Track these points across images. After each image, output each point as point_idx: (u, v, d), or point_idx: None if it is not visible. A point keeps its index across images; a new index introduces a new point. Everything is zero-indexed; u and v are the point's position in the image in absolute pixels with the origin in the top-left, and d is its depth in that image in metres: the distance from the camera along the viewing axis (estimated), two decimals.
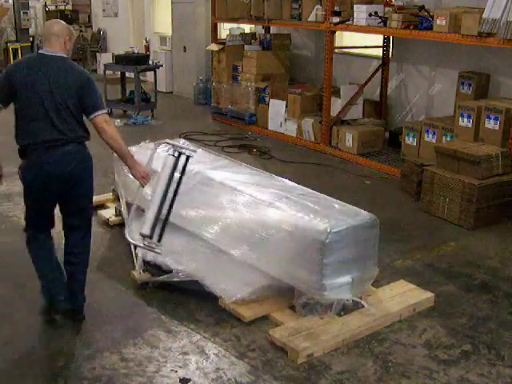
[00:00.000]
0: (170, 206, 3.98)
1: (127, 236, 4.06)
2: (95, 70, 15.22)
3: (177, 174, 4.01)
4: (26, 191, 3.71)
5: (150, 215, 3.91)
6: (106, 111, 3.65)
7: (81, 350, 3.53)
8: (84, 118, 3.66)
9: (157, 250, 3.96)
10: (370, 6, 7.21)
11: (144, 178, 3.82)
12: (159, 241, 3.96)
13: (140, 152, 5.26)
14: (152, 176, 3.90)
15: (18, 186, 6.42)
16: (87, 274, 3.89)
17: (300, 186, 4.44)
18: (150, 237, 3.90)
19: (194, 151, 4.03)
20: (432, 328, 3.82)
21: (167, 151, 4.04)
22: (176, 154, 3.99)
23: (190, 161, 4.20)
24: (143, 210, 4.17)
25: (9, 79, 3.58)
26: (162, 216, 3.96)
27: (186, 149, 4.01)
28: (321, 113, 8.14)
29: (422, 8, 6.83)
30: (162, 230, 3.95)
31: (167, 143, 4.09)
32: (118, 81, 10.58)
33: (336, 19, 7.58)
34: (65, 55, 3.68)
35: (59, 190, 3.63)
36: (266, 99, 9.07)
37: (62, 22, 3.86)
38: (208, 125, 9.66)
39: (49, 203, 3.71)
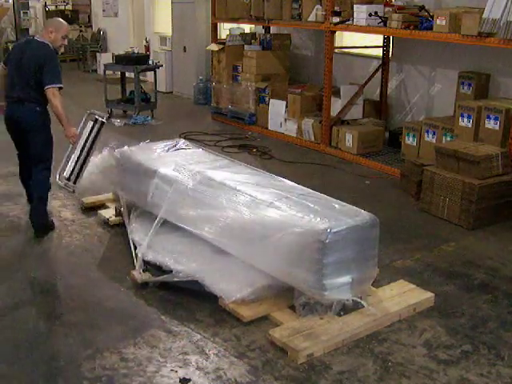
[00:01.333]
0: (85, 158, 5.44)
1: (57, 179, 5.66)
2: (95, 70, 15.24)
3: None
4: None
5: (71, 164, 5.48)
6: (56, 86, 4.92)
7: (81, 350, 3.53)
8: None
9: (71, 190, 5.58)
10: (370, 6, 7.21)
11: (72, 137, 5.21)
12: (74, 183, 5.54)
13: (140, 152, 5.28)
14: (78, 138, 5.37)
15: (18, 186, 6.43)
16: None
17: (300, 186, 4.44)
18: (69, 179, 5.52)
19: (108, 118, 5.58)
20: (432, 328, 3.82)
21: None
22: (93, 120, 5.50)
23: (190, 161, 4.66)
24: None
25: (9, 53, 5.36)
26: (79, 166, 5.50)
27: (102, 116, 5.49)
28: (321, 113, 8.14)
29: (422, 8, 6.83)
30: (78, 175, 5.49)
31: (92, 113, 5.58)
32: (118, 81, 10.58)
33: (336, 19, 7.58)
34: (46, 42, 5.05)
35: (18, 131, 5.09)
36: (266, 99, 9.08)
37: (58, 19, 5.38)
38: (208, 125, 9.66)
39: (17, 138, 5.19)
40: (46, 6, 17.26)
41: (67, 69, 15.79)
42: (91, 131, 5.41)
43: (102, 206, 5.74)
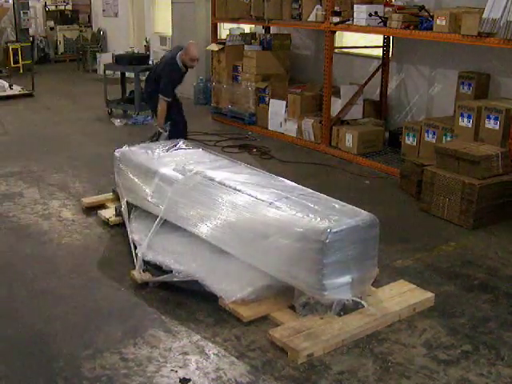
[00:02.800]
0: None
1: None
2: (95, 70, 15.23)
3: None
4: None
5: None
6: (163, 98, 6.39)
7: (81, 350, 3.54)
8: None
9: None
10: (370, 6, 7.21)
11: (159, 126, 6.49)
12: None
13: (139, 152, 5.28)
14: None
15: (18, 187, 6.44)
16: None
17: (300, 186, 4.44)
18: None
19: (165, 130, 6.44)
20: (432, 328, 3.82)
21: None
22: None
23: (190, 161, 4.79)
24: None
25: None
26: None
27: (159, 127, 6.49)
28: (321, 113, 8.14)
29: (422, 8, 6.83)
30: None
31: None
32: (118, 81, 10.58)
33: (336, 19, 7.58)
34: (177, 58, 6.45)
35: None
36: (266, 99, 9.07)
37: (192, 44, 6.66)
38: (208, 125, 9.66)
39: None
40: (46, 5, 17.25)
41: (67, 69, 15.81)
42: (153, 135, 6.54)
43: (102, 206, 5.74)
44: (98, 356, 3.48)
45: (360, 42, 9.20)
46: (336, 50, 8.36)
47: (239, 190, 4.26)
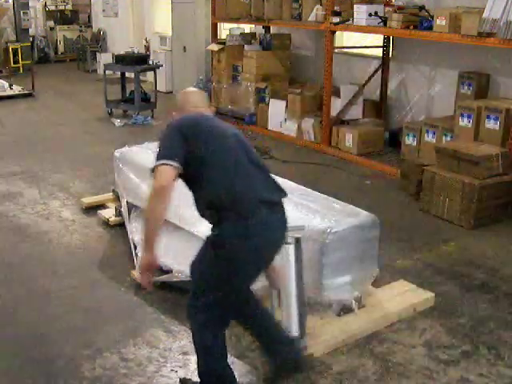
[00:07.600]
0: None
1: None
2: (95, 70, 15.23)
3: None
4: None
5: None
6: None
7: (81, 350, 3.53)
8: None
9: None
10: (370, 6, 7.21)
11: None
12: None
13: (139, 152, 5.28)
14: None
15: (17, 187, 6.44)
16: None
17: (300, 187, 4.44)
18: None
19: (302, 229, 3.37)
20: (432, 328, 3.81)
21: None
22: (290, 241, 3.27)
23: None
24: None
25: None
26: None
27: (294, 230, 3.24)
28: (321, 113, 8.14)
29: (422, 8, 6.83)
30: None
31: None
32: (118, 81, 10.58)
33: (336, 19, 7.58)
34: None
35: None
36: (266, 99, 9.07)
37: None
38: None
39: None
40: (46, 6, 17.25)
41: (67, 69, 15.80)
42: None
43: (102, 206, 5.74)
44: (97, 356, 3.48)
45: (360, 42, 9.20)
46: (336, 50, 8.35)
47: None
